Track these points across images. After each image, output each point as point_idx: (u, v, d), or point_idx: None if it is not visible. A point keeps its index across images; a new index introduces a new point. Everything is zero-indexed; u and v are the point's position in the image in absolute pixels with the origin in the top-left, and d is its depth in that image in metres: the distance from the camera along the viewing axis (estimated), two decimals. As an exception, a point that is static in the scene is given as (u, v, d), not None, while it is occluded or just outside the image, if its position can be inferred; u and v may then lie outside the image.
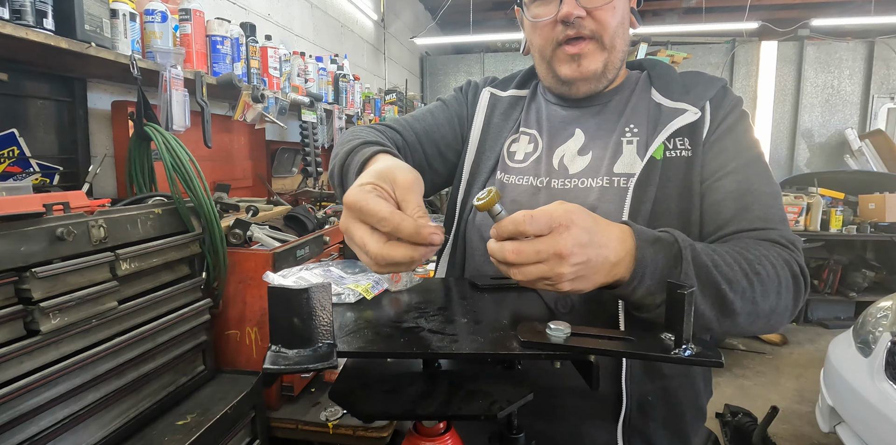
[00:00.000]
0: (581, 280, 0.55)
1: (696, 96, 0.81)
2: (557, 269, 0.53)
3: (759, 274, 0.63)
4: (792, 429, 2.84)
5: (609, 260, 0.56)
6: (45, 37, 1.12)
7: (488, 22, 6.98)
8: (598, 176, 0.81)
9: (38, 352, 0.87)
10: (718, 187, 0.76)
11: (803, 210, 4.27)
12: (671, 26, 6.02)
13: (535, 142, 0.89)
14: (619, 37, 0.81)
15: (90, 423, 0.99)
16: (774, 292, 0.65)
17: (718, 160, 0.78)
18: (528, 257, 0.53)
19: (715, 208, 0.76)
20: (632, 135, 0.82)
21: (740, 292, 0.62)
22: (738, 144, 0.78)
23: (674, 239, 0.62)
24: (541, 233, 0.53)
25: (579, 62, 0.80)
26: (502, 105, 0.94)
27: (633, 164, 0.80)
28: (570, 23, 0.77)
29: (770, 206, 0.74)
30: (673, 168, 0.78)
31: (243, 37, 1.97)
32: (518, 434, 0.57)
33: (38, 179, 1.43)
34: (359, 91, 3.27)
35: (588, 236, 0.54)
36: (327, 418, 1.41)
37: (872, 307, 2.53)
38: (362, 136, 0.82)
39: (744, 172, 0.76)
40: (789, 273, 0.67)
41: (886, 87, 5.62)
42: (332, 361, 0.44)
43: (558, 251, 0.52)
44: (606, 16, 0.77)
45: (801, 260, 0.70)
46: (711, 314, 0.62)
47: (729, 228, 0.74)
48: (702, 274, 0.60)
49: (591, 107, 0.88)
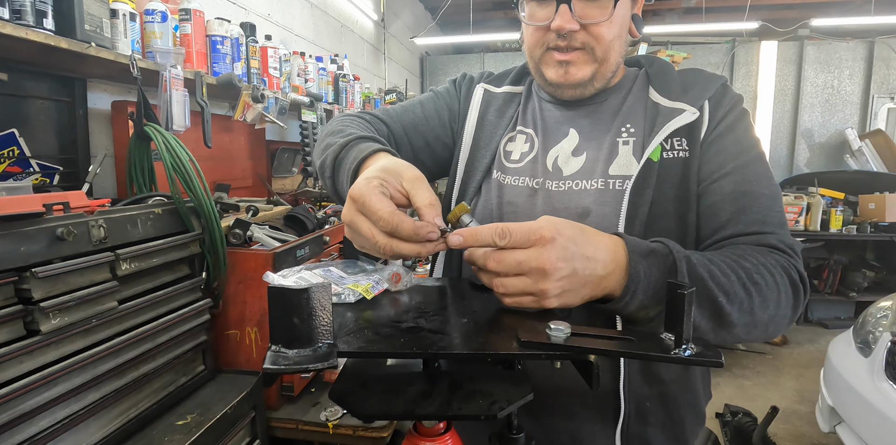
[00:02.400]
0: (567, 295, 0.55)
1: (694, 96, 0.78)
2: (541, 284, 0.53)
3: (757, 284, 0.62)
4: (792, 429, 2.84)
5: (597, 273, 0.56)
6: (45, 37, 1.12)
7: (488, 22, 6.98)
8: (593, 178, 0.78)
9: (38, 352, 0.87)
10: (716, 188, 0.74)
11: (803, 210, 4.27)
12: (671, 26, 6.02)
13: (531, 141, 0.86)
14: (615, 49, 0.77)
15: (90, 423, 0.99)
16: (773, 301, 0.63)
17: (716, 161, 0.75)
18: (508, 267, 0.53)
19: (712, 211, 0.74)
20: (628, 135, 0.80)
21: (738, 303, 0.61)
22: (738, 144, 0.76)
23: (668, 250, 0.60)
24: (518, 247, 0.53)
25: (566, 69, 0.77)
26: (497, 102, 0.91)
27: (629, 165, 0.77)
28: (562, 35, 0.74)
29: (769, 208, 0.72)
30: (670, 169, 0.75)
31: (243, 37, 1.97)
32: (518, 434, 0.57)
33: (38, 179, 1.43)
34: (359, 91, 3.27)
35: (574, 247, 0.54)
36: (327, 418, 1.41)
37: (872, 307, 2.53)
38: (353, 128, 0.81)
39: (742, 173, 0.74)
40: (788, 281, 0.65)
41: (886, 87, 5.62)
42: (332, 361, 0.44)
43: (540, 265, 0.52)
44: (601, 30, 0.74)
45: (801, 266, 0.68)
46: (707, 326, 0.61)
47: (726, 231, 0.72)
48: (698, 287, 0.59)
49: (586, 106, 0.85)
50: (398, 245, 0.53)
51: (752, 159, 0.75)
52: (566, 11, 0.72)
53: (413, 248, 0.53)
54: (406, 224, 0.52)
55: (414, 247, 0.53)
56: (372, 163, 0.67)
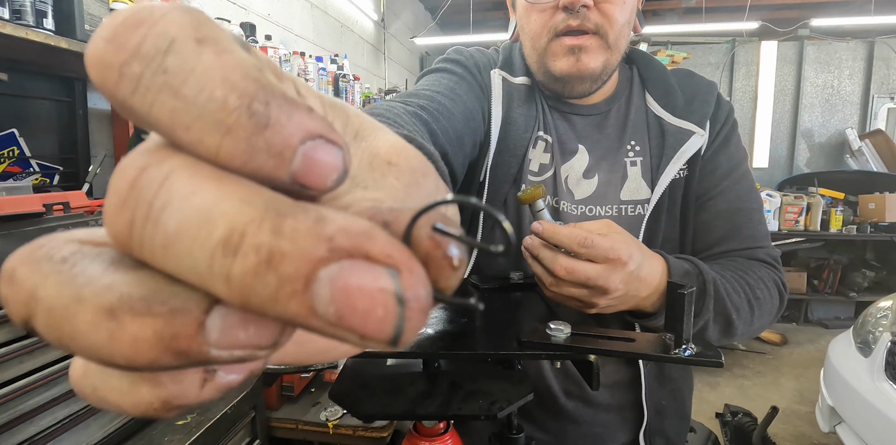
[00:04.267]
0: (610, 309, 0.58)
1: (700, 114, 0.75)
2: (595, 299, 0.55)
3: (758, 299, 0.68)
4: (792, 429, 2.84)
5: (640, 295, 0.58)
6: (45, 37, 1.12)
7: (488, 22, 6.98)
8: (605, 204, 0.75)
9: (39, 352, 0.87)
10: (711, 205, 0.76)
11: (803, 210, 4.26)
12: (671, 26, 6.01)
13: (550, 151, 0.76)
14: (623, 37, 0.70)
15: (90, 423, 0.99)
16: (768, 313, 0.70)
17: (712, 178, 0.76)
18: (576, 279, 0.53)
19: (707, 226, 0.76)
20: (634, 154, 0.76)
21: (744, 318, 0.66)
22: (731, 160, 0.77)
23: (698, 271, 0.63)
24: (594, 260, 0.54)
25: (578, 57, 0.67)
26: (519, 96, 0.76)
27: (638, 190, 0.75)
28: (574, 11, 0.65)
29: (758, 222, 0.76)
30: (676, 191, 0.76)
31: (243, 37, 1.97)
32: (518, 434, 0.57)
33: (38, 179, 1.43)
34: (359, 91, 3.27)
35: (636, 272, 0.55)
36: (327, 418, 1.41)
37: (872, 307, 2.53)
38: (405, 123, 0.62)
39: (735, 189, 0.76)
40: (777, 293, 0.72)
41: (886, 87, 5.62)
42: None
43: (605, 285, 0.53)
44: (615, 10, 0.66)
45: (783, 277, 0.74)
46: (716, 336, 0.67)
47: (720, 247, 0.75)
48: (719, 306, 0.63)
49: (591, 116, 0.79)
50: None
51: (742, 175, 0.78)
52: None
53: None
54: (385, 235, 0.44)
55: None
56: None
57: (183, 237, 0.11)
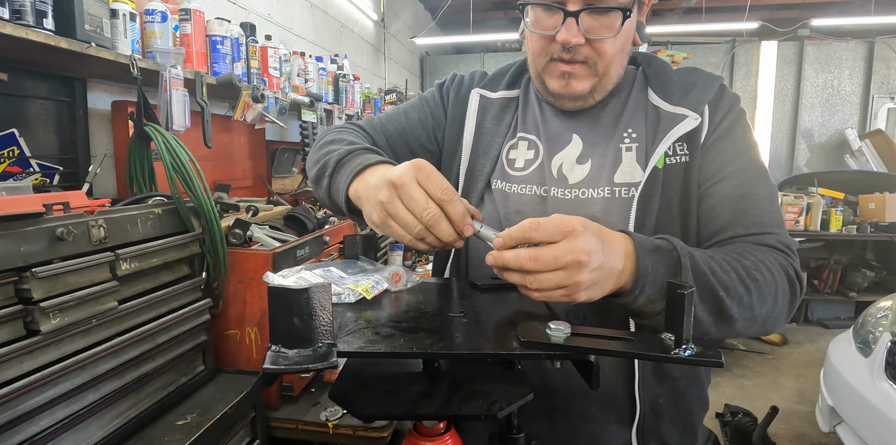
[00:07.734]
0: (595, 288, 0.56)
1: (695, 100, 0.78)
2: (576, 277, 0.53)
3: (756, 280, 0.64)
4: (792, 429, 2.84)
5: (616, 267, 0.57)
6: (45, 37, 1.12)
7: (488, 22, 6.98)
8: (598, 186, 0.79)
9: (38, 352, 0.87)
10: (715, 191, 0.76)
11: (803, 210, 4.26)
12: (671, 26, 6.02)
13: (535, 148, 0.85)
14: (616, 63, 0.77)
15: (90, 423, 0.99)
16: (771, 297, 0.66)
17: (715, 164, 0.76)
18: (545, 264, 0.53)
19: (711, 213, 0.75)
20: (630, 141, 0.80)
21: (737, 298, 0.63)
22: (735, 147, 0.77)
23: (672, 247, 0.62)
24: (551, 239, 0.54)
25: (568, 81, 0.77)
26: (493, 108, 0.89)
27: (633, 173, 0.78)
28: (567, 49, 0.74)
29: (767, 209, 0.73)
30: (673, 175, 0.77)
31: (243, 37, 1.97)
32: (518, 434, 0.57)
33: (38, 179, 1.43)
34: (359, 91, 3.27)
35: (599, 242, 0.55)
36: (327, 418, 1.41)
37: (872, 307, 2.53)
38: (352, 138, 0.82)
39: (741, 175, 0.75)
40: (786, 278, 0.68)
41: (886, 87, 5.62)
42: (332, 361, 0.44)
43: (576, 258, 0.52)
44: (606, 46, 0.73)
45: (797, 265, 0.71)
46: (709, 319, 0.64)
47: (726, 233, 0.73)
48: (700, 281, 0.61)
49: (588, 111, 0.84)
50: (441, 221, 0.56)
51: (749, 161, 0.77)
52: (573, 25, 0.70)
53: (451, 231, 0.57)
54: (462, 202, 0.58)
55: (451, 231, 0.57)
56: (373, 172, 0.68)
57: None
